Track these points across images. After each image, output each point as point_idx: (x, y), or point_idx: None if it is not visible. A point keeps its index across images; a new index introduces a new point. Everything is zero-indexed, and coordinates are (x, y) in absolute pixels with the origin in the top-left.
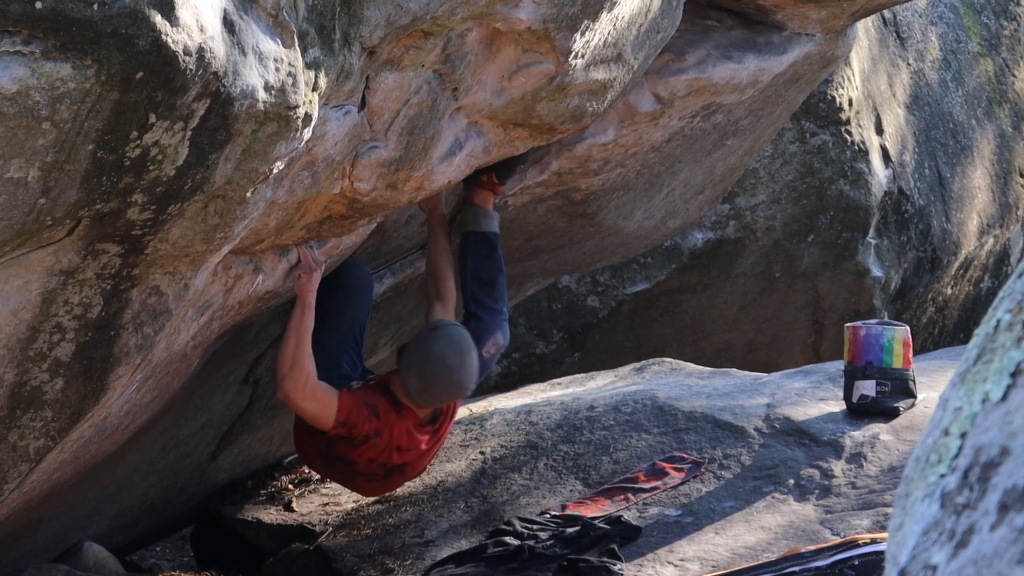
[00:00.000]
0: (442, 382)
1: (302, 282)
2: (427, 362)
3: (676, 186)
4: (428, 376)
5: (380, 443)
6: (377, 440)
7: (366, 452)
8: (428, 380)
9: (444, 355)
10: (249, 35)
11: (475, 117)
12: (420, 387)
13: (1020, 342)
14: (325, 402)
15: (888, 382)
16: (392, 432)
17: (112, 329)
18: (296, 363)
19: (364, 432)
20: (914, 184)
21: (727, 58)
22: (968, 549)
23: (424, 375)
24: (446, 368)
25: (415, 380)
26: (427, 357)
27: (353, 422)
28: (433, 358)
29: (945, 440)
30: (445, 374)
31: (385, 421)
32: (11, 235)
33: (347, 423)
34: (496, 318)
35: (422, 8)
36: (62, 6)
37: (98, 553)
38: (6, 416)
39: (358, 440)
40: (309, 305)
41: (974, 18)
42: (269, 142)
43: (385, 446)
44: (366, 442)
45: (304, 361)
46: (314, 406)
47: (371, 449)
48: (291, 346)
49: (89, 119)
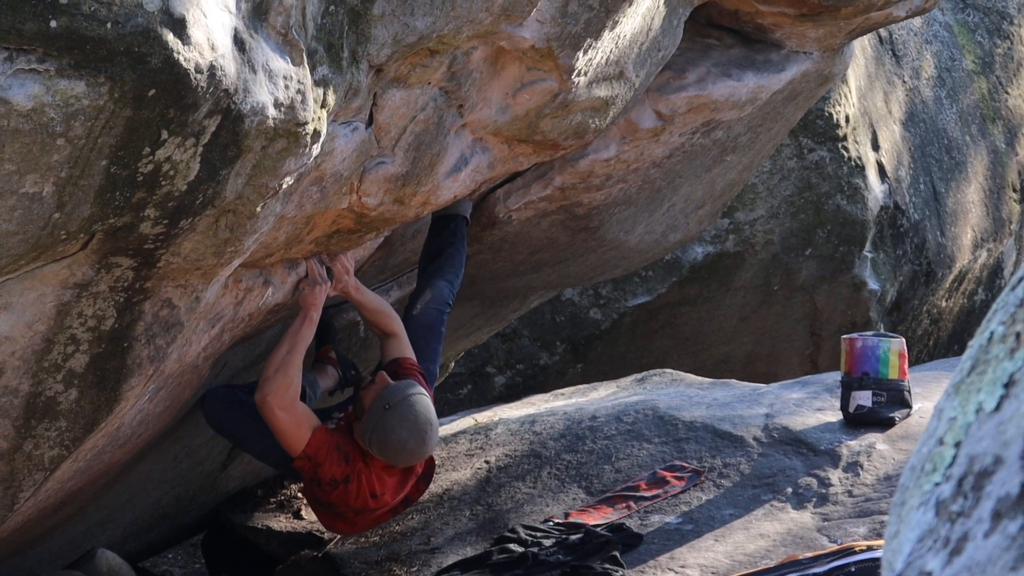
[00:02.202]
0: (403, 458)
1: (306, 294)
2: (386, 444)
3: (677, 201)
4: (389, 453)
5: (351, 489)
6: (347, 486)
7: (338, 497)
8: (389, 456)
9: (404, 441)
10: (259, 53)
11: (480, 133)
12: (379, 455)
13: (1013, 353)
14: (299, 422)
15: (884, 393)
16: (361, 480)
17: (125, 341)
18: (282, 369)
19: (331, 475)
20: (909, 199)
21: (727, 76)
22: (962, 556)
23: (385, 452)
24: (406, 451)
25: (376, 451)
26: (386, 439)
27: (320, 460)
28: (392, 442)
29: (940, 449)
30: (406, 455)
31: (354, 468)
32: (26, 249)
33: (313, 459)
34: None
35: (428, 27)
36: (76, 25)
37: (111, 560)
38: (21, 426)
39: (325, 482)
40: (310, 318)
41: (968, 37)
42: (279, 158)
43: (357, 492)
44: (335, 487)
45: (291, 370)
46: (288, 421)
47: (344, 494)
48: (282, 351)
49: (103, 135)
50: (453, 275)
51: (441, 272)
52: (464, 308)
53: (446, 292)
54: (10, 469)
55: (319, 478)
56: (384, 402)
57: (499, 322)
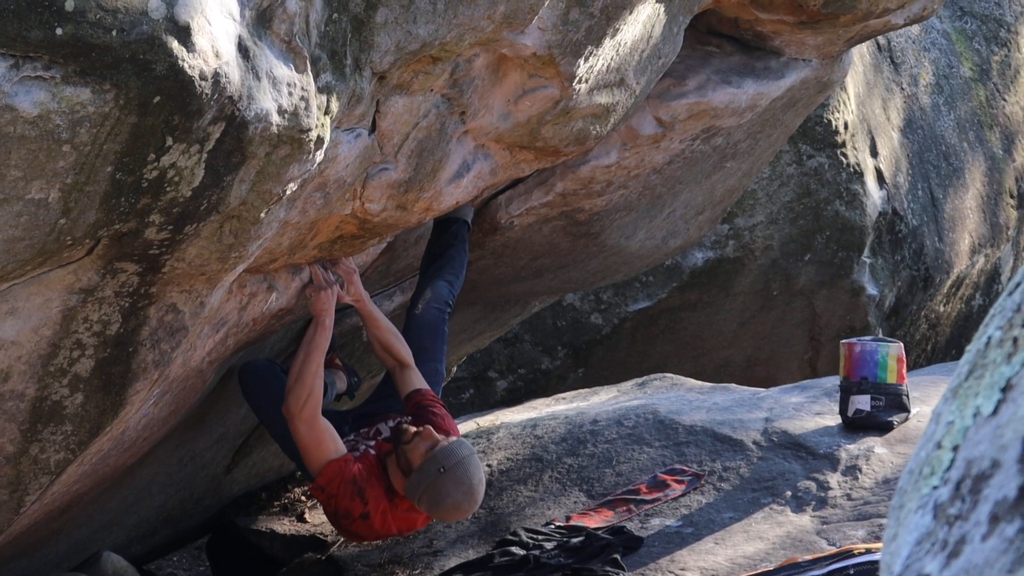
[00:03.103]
0: (453, 517)
1: (313, 300)
2: (439, 505)
3: (677, 207)
4: (439, 512)
5: (373, 524)
6: (367, 522)
7: (358, 530)
8: (439, 515)
9: (458, 504)
10: (263, 60)
11: (482, 140)
12: (429, 513)
13: (1010, 358)
14: (320, 442)
15: (882, 397)
16: (385, 518)
17: (130, 345)
18: (300, 379)
19: (347, 508)
20: (908, 205)
21: (726, 83)
22: (960, 559)
23: (435, 511)
24: (459, 512)
25: (424, 508)
26: (440, 502)
27: (333, 491)
28: (446, 504)
29: (938, 453)
30: (457, 515)
31: (375, 507)
32: (32, 254)
33: (326, 490)
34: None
35: (431, 34)
36: (82, 32)
37: (116, 563)
38: (28, 430)
39: (341, 514)
40: (323, 324)
41: (966, 44)
42: (282, 164)
43: (381, 527)
44: (352, 521)
45: (307, 378)
46: (309, 435)
47: (366, 528)
48: (299, 361)
49: (108, 142)
50: (453, 276)
51: (441, 273)
52: (466, 313)
53: (445, 292)
54: (16, 473)
55: (336, 510)
56: (439, 464)
57: (501, 327)
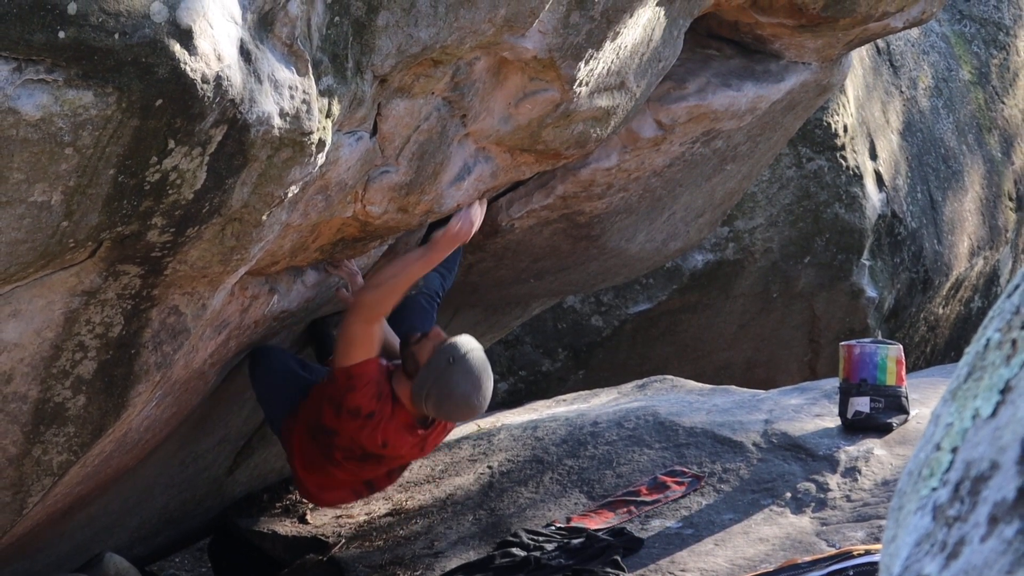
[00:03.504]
0: (461, 413)
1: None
2: (448, 398)
3: (677, 209)
4: (447, 409)
5: (369, 425)
6: (367, 421)
7: (349, 427)
8: (446, 411)
9: (468, 395)
10: (265, 64)
11: (483, 143)
12: (436, 412)
13: (1009, 360)
14: (369, 341)
15: (882, 399)
16: (381, 424)
17: (132, 348)
18: (385, 288)
19: (357, 403)
20: (907, 208)
21: (726, 86)
22: (959, 560)
23: (443, 407)
24: (468, 406)
25: (432, 407)
26: (449, 394)
27: (355, 385)
28: (456, 396)
29: (937, 455)
30: (466, 410)
31: (381, 410)
32: (35, 257)
33: (351, 380)
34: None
35: (432, 38)
36: (84, 36)
37: (119, 564)
38: (30, 432)
39: (346, 408)
40: (430, 261)
41: (965, 47)
42: (284, 167)
43: (370, 433)
44: (354, 417)
45: (393, 293)
46: (363, 332)
47: (356, 428)
48: (390, 272)
49: (110, 145)
50: (446, 270)
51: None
52: (467, 315)
53: (437, 284)
54: (19, 474)
55: (342, 401)
56: (447, 356)
57: (502, 329)
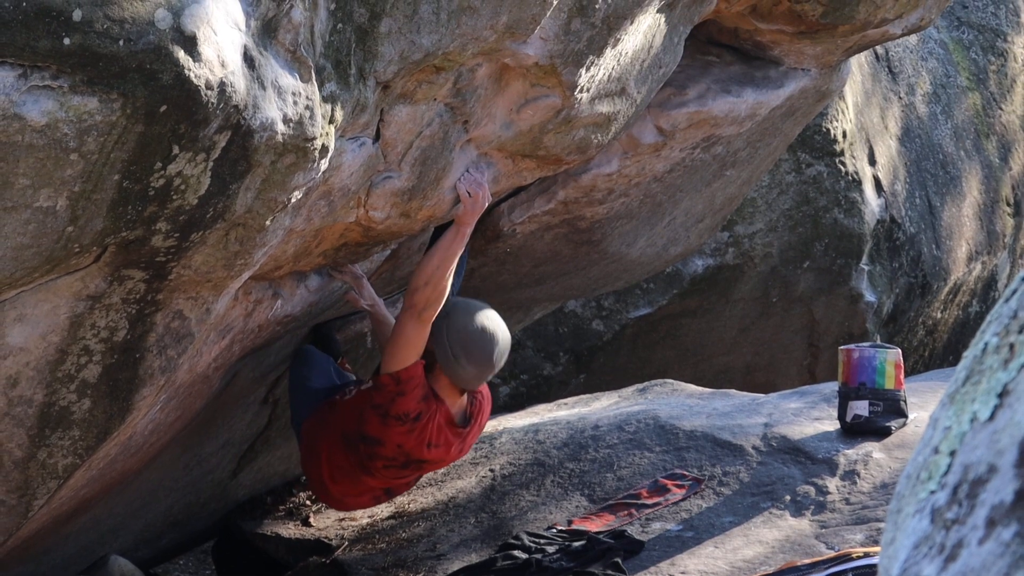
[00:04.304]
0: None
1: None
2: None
3: (677, 215)
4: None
5: (417, 428)
6: (414, 424)
7: (396, 434)
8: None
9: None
10: (268, 70)
11: (485, 148)
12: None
13: (1007, 364)
14: (420, 343)
15: (880, 402)
16: (429, 425)
17: (137, 352)
18: (433, 283)
19: (404, 408)
20: (905, 213)
21: (726, 92)
22: (957, 562)
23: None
24: (487, 337)
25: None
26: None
27: (404, 389)
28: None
29: (935, 458)
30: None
31: (427, 410)
32: (40, 262)
33: (401, 385)
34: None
35: (434, 44)
36: (89, 42)
37: (124, 566)
38: (36, 435)
39: (393, 415)
40: (463, 233)
41: (963, 54)
42: (287, 173)
43: (418, 436)
44: (401, 422)
45: (441, 283)
46: (415, 334)
47: (403, 433)
48: (433, 265)
49: (115, 150)
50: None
51: None
52: None
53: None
54: (24, 477)
55: (390, 408)
56: (441, 316)
57: None
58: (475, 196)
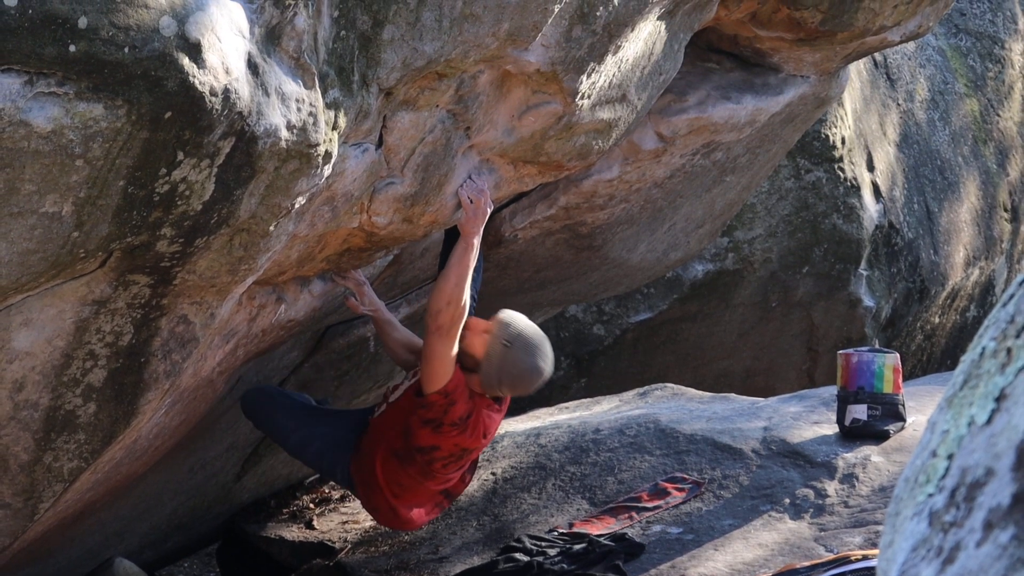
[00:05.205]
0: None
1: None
2: (522, 377)
3: (677, 220)
4: (522, 386)
5: (470, 425)
6: (466, 423)
7: (452, 438)
8: (522, 388)
9: (536, 367)
10: (272, 77)
11: (487, 154)
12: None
13: (1004, 368)
14: (452, 356)
15: (879, 406)
16: (479, 417)
17: (142, 356)
18: (454, 300)
19: (457, 415)
20: (903, 218)
21: (726, 99)
22: (955, 565)
23: (517, 386)
24: (540, 375)
25: (508, 389)
26: (520, 374)
27: (454, 399)
28: (527, 373)
29: (933, 461)
30: (538, 379)
31: (474, 406)
32: (46, 267)
33: (450, 396)
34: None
35: (436, 51)
36: (95, 49)
37: (129, 569)
38: (42, 439)
39: (448, 423)
40: (471, 244)
41: (961, 61)
42: (291, 178)
43: (472, 431)
44: (457, 427)
45: (461, 298)
46: (445, 350)
47: (458, 433)
48: (451, 283)
49: (120, 156)
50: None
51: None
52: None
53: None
54: (30, 481)
55: (444, 419)
56: (501, 341)
57: None
58: (476, 203)
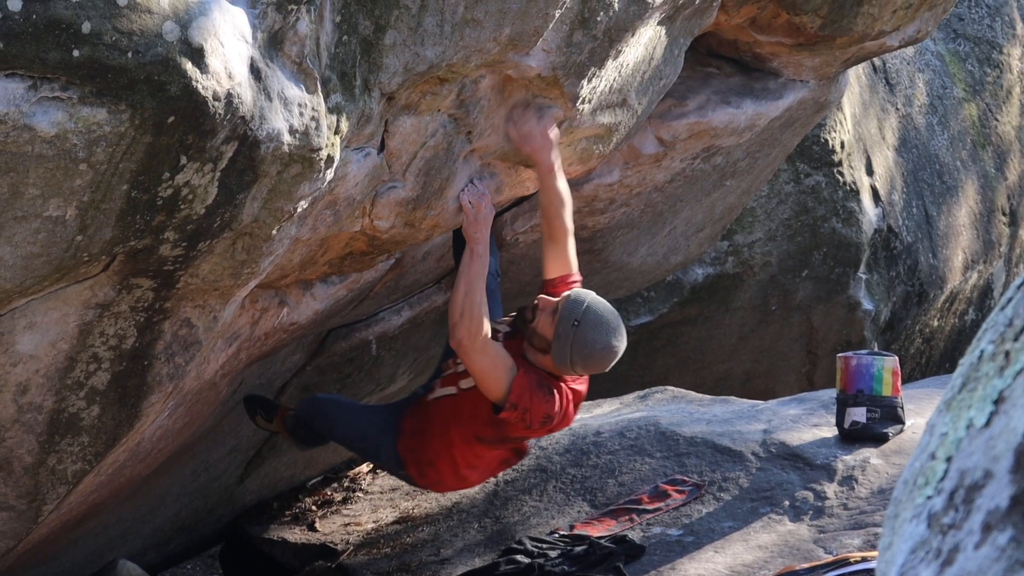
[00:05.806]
0: (610, 360)
1: (466, 227)
2: (594, 355)
3: (678, 224)
4: (595, 364)
5: (560, 414)
6: (559, 412)
7: (547, 430)
8: (595, 366)
9: (609, 344)
10: (275, 81)
11: (488, 159)
12: (584, 370)
13: (1002, 371)
14: (496, 365)
15: (878, 409)
16: (567, 403)
17: (145, 359)
18: (467, 311)
19: (544, 413)
20: (902, 222)
21: (726, 103)
22: (953, 567)
23: (590, 364)
24: (613, 352)
25: (581, 368)
26: (592, 352)
27: (526, 405)
28: (599, 351)
29: (932, 464)
30: (612, 356)
31: (561, 395)
32: (50, 270)
33: (519, 406)
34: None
35: (438, 56)
36: (98, 54)
37: (132, 571)
38: (45, 441)
39: (537, 424)
40: (476, 253)
41: (959, 65)
42: (293, 182)
43: (563, 415)
44: (549, 421)
45: (475, 310)
46: (485, 361)
47: (553, 427)
48: (460, 294)
49: (124, 161)
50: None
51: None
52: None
53: (493, 264)
54: (34, 483)
55: (532, 425)
56: (571, 320)
57: None
58: (478, 207)
